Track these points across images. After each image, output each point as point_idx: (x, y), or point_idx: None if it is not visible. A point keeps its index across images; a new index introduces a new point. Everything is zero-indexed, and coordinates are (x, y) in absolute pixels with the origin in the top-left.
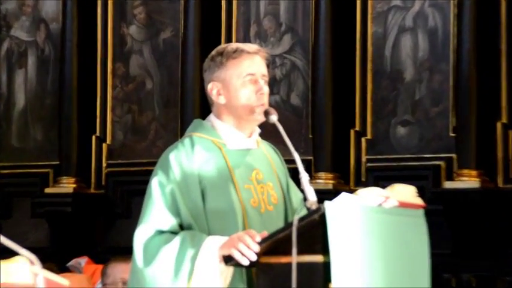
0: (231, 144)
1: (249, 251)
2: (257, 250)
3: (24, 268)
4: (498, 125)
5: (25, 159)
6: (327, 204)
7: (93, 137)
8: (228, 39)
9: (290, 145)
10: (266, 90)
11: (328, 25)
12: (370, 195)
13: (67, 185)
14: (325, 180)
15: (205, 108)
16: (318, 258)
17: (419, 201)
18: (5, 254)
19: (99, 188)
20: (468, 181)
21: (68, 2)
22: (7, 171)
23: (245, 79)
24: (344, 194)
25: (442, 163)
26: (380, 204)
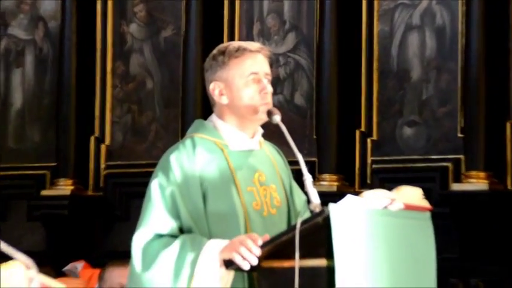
0: (233, 145)
1: (251, 255)
2: (259, 254)
3: (19, 273)
4: (507, 126)
5: (22, 160)
6: (331, 206)
7: (91, 138)
8: (231, 37)
9: (293, 146)
10: (270, 89)
11: (333, 23)
12: (375, 197)
13: (64, 187)
14: (329, 182)
15: (207, 108)
16: (322, 262)
17: (426, 203)
18: (0, 258)
19: (97, 190)
20: (476, 183)
21: (67, 0)
22: (3, 172)
23: (248, 78)
24: (349, 197)
25: (450, 164)
26: (386, 206)
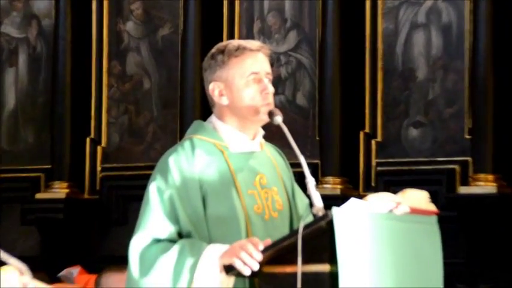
0: (234, 147)
1: (252, 260)
2: (260, 259)
3: (13, 278)
4: None
5: (15, 162)
6: (335, 210)
7: (87, 140)
8: (230, 36)
9: (295, 148)
10: (271, 89)
11: (336, 21)
12: (380, 201)
13: (59, 190)
14: (332, 185)
15: (206, 109)
16: (325, 267)
17: (432, 207)
18: None
19: (93, 194)
20: (484, 186)
21: None
22: None
23: (249, 78)
24: (353, 200)
25: (457, 167)
26: (391, 210)
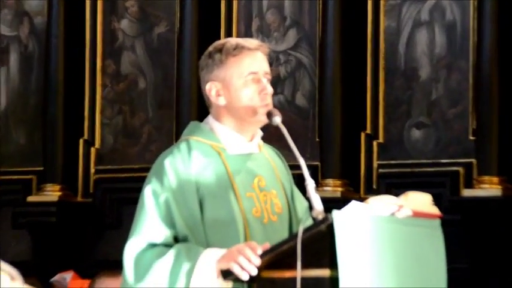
0: (231, 148)
1: (250, 265)
2: (258, 264)
3: (4, 284)
4: None
5: (6, 164)
6: (335, 213)
7: (80, 141)
8: (228, 34)
9: (295, 149)
10: (270, 89)
11: (336, 19)
12: (381, 204)
13: (52, 193)
14: (333, 187)
15: (202, 109)
16: (325, 272)
17: (435, 210)
18: None
19: (86, 196)
20: (489, 188)
21: None
22: None
23: (247, 78)
24: (353, 203)
25: (461, 169)
26: (392, 213)
